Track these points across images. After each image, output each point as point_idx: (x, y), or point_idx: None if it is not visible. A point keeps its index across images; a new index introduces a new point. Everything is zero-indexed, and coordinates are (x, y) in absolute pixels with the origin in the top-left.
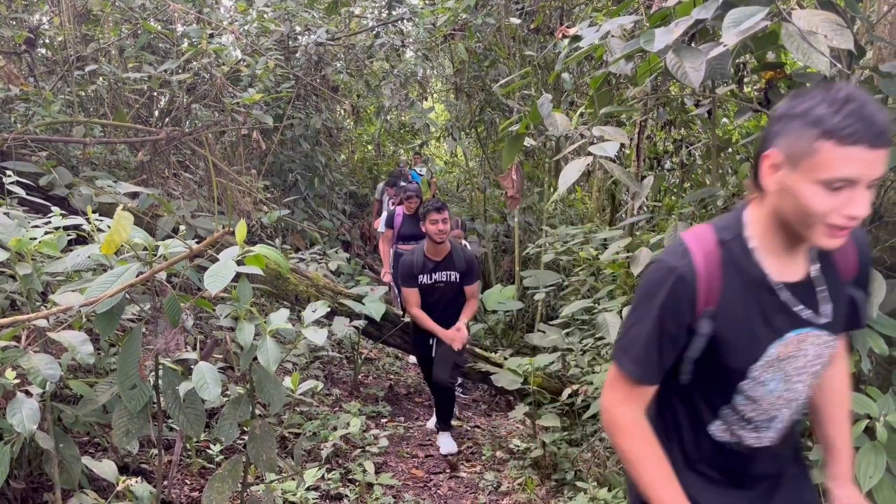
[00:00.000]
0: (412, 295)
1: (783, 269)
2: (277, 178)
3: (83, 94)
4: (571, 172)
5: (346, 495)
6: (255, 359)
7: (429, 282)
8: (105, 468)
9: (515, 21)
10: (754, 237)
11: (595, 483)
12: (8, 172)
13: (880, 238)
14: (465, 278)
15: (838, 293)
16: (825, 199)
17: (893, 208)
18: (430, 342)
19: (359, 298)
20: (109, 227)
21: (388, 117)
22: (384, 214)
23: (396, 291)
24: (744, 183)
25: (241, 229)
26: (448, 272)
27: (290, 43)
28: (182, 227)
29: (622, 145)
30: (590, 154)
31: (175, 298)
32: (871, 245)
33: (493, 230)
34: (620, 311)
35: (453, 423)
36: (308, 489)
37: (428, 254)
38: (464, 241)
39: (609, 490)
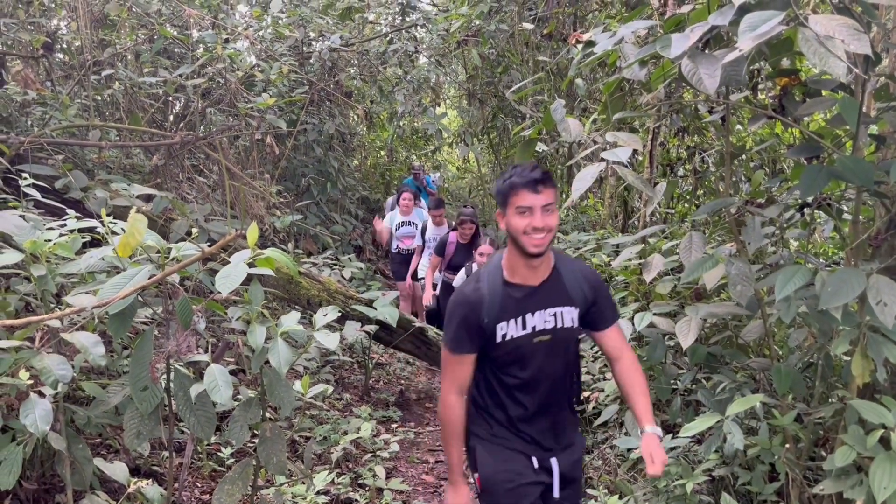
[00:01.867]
0: None
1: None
2: (290, 182)
3: (99, 98)
4: (584, 179)
5: (356, 500)
6: (267, 362)
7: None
8: (116, 470)
9: (528, 27)
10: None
11: (605, 490)
12: (24, 175)
13: (895, 246)
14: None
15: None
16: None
17: None
18: None
19: (370, 303)
20: (123, 229)
21: (401, 123)
22: (389, 216)
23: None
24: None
25: (252, 232)
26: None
27: (305, 48)
28: (195, 231)
29: (635, 152)
30: (602, 160)
31: (187, 301)
32: (887, 254)
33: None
34: (632, 318)
35: None
36: (318, 493)
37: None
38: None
39: (620, 497)
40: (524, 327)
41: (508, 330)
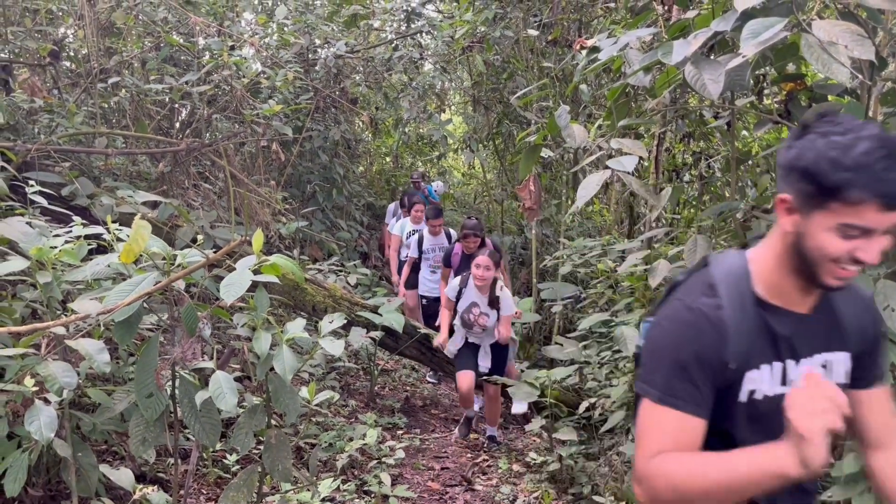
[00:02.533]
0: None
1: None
2: (296, 189)
3: (106, 105)
4: (590, 186)
5: None
6: (272, 368)
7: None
8: (122, 476)
9: (533, 33)
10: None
11: (612, 497)
12: (31, 182)
13: None
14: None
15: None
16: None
17: None
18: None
19: (376, 309)
20: (129, 236)
21: (407, 129)
22: (406, 234)
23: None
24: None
25: (258, 239)
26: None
27: (310, 55)
28: (201, 238)
29: (640, 157)
30: (608, 168)
31: (192, 307)
32: (893, 259)
33: (510, 242)
34: (638, 324)
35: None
36: (323, 500)
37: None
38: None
39: None
40: (783, 382)
41: (760, 384)
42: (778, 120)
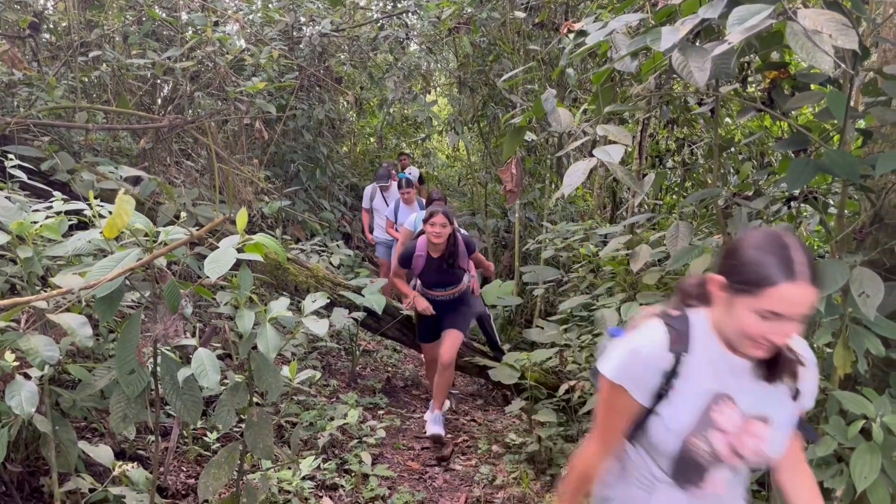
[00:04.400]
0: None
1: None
2: (279, 168)
3: (86, 79)
4: (576, 174)
5: (342, 485)
6: (255, 347)
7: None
8: (102, 453)
9: (520, 15)
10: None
11: None
12: (10, 156)
13: (880, 240)
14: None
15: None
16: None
17: (893, 211)
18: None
19: (358, 290)
20: (111, 212)
21: (392, 110)
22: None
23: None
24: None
25: (241, 218)
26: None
27: (295, 33)
28: (183, 215)
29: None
30: (593, 156)
31: (175, 285)
32: (871, 247)
33: (493, 225)
34: (619, 308)
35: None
36: (304, 478)
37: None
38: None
39: None
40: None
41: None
42: (761, 108)
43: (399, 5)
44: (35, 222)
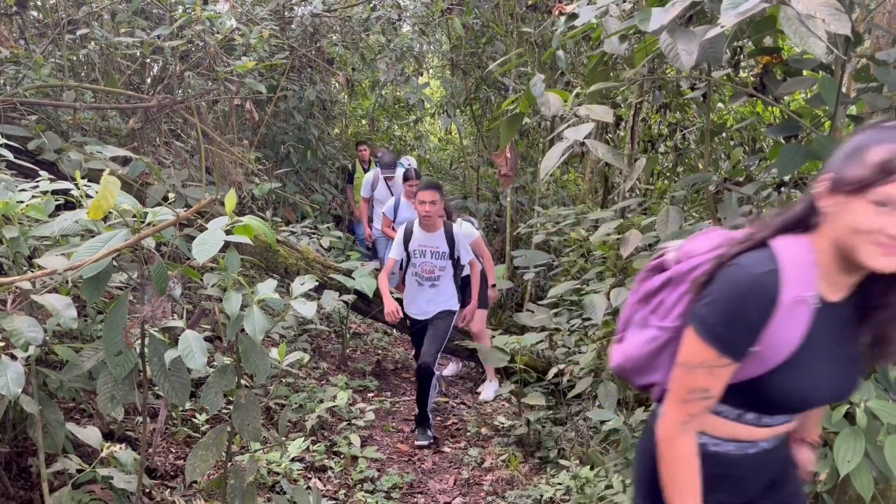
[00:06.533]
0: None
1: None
2: (270, 149)
3: (74, 58)
4: (552, 157)
5: (331, 467)
6: (243, 329)
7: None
8: (89, 434)
9: None
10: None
11: (578, 462)
12: None
13: None
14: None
15: None
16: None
17: None
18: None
19: (348, 273)
20: (98, 192)
21: (384, 92)
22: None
23: None
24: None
25: (230, 199)
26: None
27: (286, 13)
28: (172, 196)
29: (617, 127)
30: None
31: (163, 266)
32: None
33: (485, 209)
34: (608, 293)
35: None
36: (293, 460)
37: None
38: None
39: (591, 468)
40: None
41: None
42: (753, 93)
43: None
44: (21, 202)
